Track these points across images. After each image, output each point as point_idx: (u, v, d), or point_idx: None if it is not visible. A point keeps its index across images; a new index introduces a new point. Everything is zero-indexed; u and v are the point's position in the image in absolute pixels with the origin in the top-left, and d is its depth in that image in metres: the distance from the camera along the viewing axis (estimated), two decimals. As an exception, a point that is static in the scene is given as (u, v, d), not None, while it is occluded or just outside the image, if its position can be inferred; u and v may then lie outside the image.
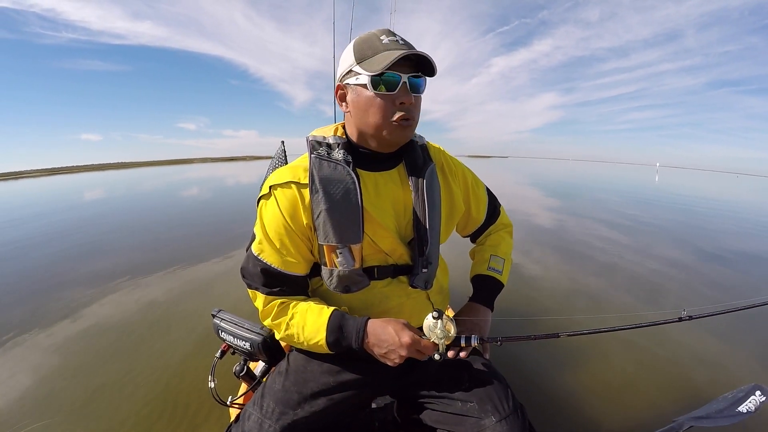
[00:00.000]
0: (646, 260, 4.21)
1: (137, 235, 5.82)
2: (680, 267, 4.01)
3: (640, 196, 12.64)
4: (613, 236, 5.52)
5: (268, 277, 0.82)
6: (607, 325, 0.76)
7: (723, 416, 0.71)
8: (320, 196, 0.78)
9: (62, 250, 4.94)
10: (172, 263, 4.04)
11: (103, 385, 1.94)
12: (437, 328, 0.74)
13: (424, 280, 0.89)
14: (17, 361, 2.23)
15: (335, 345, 0.79)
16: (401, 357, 0.74)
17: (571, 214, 7.80)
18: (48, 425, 1.67)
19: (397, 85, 0.74)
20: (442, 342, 0.74)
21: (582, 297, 3.16)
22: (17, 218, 8.29)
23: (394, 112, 0.76)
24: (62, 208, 9.97)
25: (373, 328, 0.77)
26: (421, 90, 0.79)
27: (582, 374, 2.00)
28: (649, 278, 3.62)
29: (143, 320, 2.71)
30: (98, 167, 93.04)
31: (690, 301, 3.15)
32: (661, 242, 5.20)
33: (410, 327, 0.76)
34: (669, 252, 4.62)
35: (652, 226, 6.57)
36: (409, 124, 0.79)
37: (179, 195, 12.52)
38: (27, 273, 4.02)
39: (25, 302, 3.14)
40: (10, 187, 22.14)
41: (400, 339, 0.73)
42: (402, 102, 0.75)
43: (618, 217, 7.44)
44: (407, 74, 0.75)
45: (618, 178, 24.30)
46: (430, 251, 0.86)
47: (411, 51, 0.72)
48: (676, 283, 3.52)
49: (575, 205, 9.55)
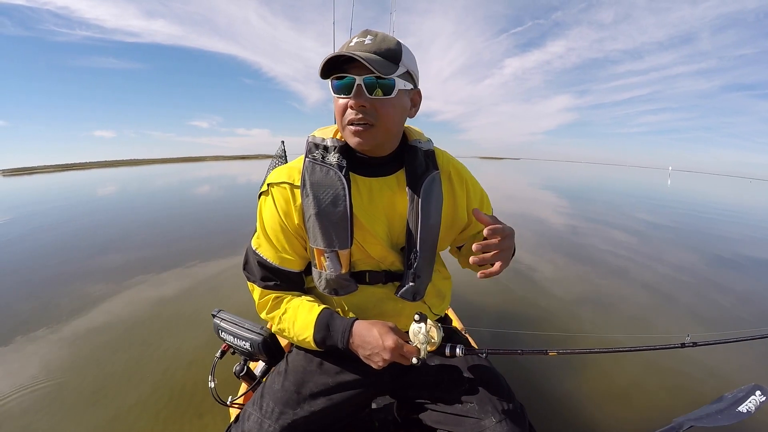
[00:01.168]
0: (656, 268, 4.10)
1: (149, 231, 5.91)
2: (689, 279, 3.83)
3: (653, 200, 12.34)
4: (623, 241, 5.41)
5: (264, 271, 0.85)
6: (605, 345, 0.74)
7: (723, 416, 0.71)
8: (310, 200, 0.79)
9: (74, 245, 5.06)
10: (184, 259, 4.10)
11: (113, 374, 2.02)
12: (420, 333, 0.73)
13: (411, 293, 0.87)
14: (28, 352, 2.28)
15: (322, 343, 0.80)
16: (384, 360, 0.74)
17: (577, 217, 7.73)
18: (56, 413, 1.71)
19: (350, 88, 0.72)
20: (424, 347, 0.73)
21: (586, 307, 3.02)
22: (29, 213, 8.48)
23: (347, 115, 0.75)
24: (74, 204, 10.19)
25: (359, 329, 0.77)
26: (386, 92, 0.73)
27: (582, 374, 2.00)
28: (658, 289, 3.46)
29: (154, 315, 2.77)
30: (111, 163, 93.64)
31: (699, 314, 2.95)
32: (670, 250, 5.07)
33: (396, 331, 0.76)
34: (678, 261, 4.49)
35: (665, 230, 6.49)
36: (366, 129, 0.74)
37: (191, 192, 12.65)
38: (39, 266, 4.11)
39: (36, 295, 3.22)
40: (24, 183, 22.65)
41: (383, 342, 0.73)
42: (350, 105, 0.73)
43: (629, 221, 7.33)
44: (363, 75, 0.71)
45: (629, 182, 23.95)
46: (419, 264, 0.84)
47: (344, 52, 0.70)
48: (685, 296, 3.33)
49: (584, 208, 9.38)
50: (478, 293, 2.86)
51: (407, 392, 0.92)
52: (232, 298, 3.03)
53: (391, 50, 0.73)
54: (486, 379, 0.85)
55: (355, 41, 0.73)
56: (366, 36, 0.73)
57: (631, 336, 2.43)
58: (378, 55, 0.71)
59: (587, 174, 33.60)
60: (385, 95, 0.73)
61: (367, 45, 0.72)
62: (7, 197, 13.10)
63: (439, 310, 0.97)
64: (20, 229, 6.25)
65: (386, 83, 0.72)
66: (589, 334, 2.50)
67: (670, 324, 2.70)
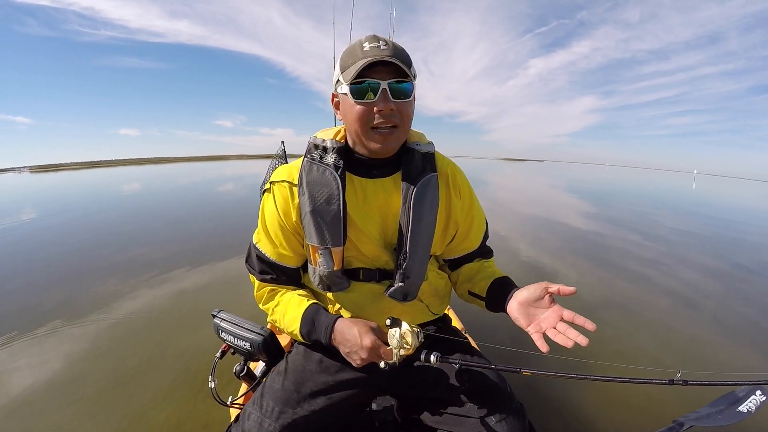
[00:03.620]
0: (672, 279, 3.89)
1: (172, 227, 6.14)
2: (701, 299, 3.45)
3: (672, 207, 11.59)
4: (639, 254, 4.96)
5: (262, 265, 0.90)
6: (590, 370, 0.70)
7: (723, 416, 0.70)
8: (306, 198, 0.82)
9: (98, 239, 5.34)
10: (205, 255, 4.23)
11: (132, 356, 2.21)
12: (394, 337, 0.72)
13: (402, 293, 0.86)
14: (50, 345, 2.38)
15: (308, 336, 0.83)
16: (362, 359, 0.75)
17: (596, 221, 7.58)
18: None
19: (376, 93, 0.73)
20: (396, 351, 0.72)
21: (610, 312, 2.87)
22: (56, 209, 8.87)
23: (372, 120, 0.75)
24: (100, 200, 10.70)
25: (340, 327, 0.79)
26: (406, 95, 0.76)
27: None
28: (661, 315, 3.06)
29: (174, 309, 2.89)
30: (136, 161, 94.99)
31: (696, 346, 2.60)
32: (683, 261, 4.69)
33: (377, 331, 0.76)
34: (691, 273, 4.20)
35: (684, 235, 6.32)
36: (391, 132, 0.77)
37: (215, 190, 12.98)
38: (63, 259, 4.37)
39: (61, 288, 3.42)
40: (53, 179, 23.78)
41: (361, 341, 0.74)
42: (380, 110, 0.74)
43: (649, 226, 7.13)
44: (388, 80, 0.73)
45: (652, 185, 23.25)
46: (409, 265, 0.84)
47: (377, 57, 0.71)
48: (687, 324, 2.93)
49: (603, 214, 8.96)
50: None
51: (407, 392, 0.92)
52: (249, 294, 3.14)
53: (405, 54, 0.76)
54: (486, 379, 0.85)
55: (369, 46, 0.74)
56: (378, 41, 0.75)
57: (617, 365, 2.10)
58: (397, 59, 0.73)
59: (610, 177, 32.84)
60: (406, 98, 0.76)
61: (384, 50, 0.73)
62: (45, 194, 13.75)
63: (437, 310, 0.97)
64: (50, 222, 6.69)
65: (408, 86, 0.75)
66: (566, 357, 2.25)
67: (659, 358, 2.36)
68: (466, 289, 0.94)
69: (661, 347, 2.47)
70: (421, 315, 0.95)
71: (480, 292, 0.89)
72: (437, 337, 0.87)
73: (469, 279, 0.94)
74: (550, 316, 0.72)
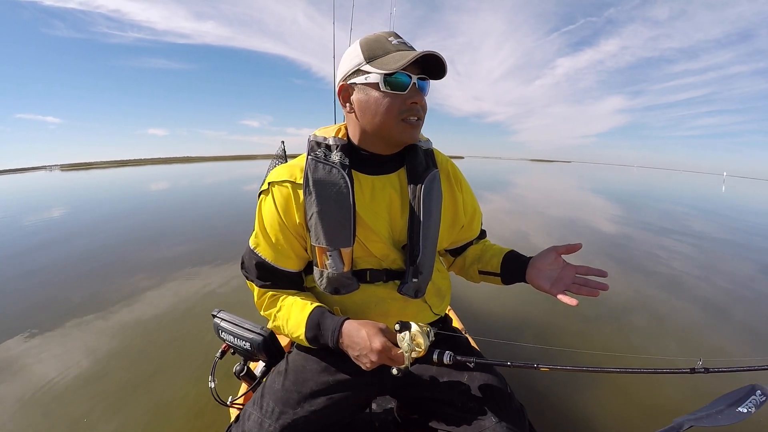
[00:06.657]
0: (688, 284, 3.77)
1: (199, 225, 6.30)
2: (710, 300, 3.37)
3: (700, 209, 11.08)
4: (666, 255, 4.86)
5: (261, 271, 0.86)
6: (608, 363, 0.68)
7: (723, 416, 0.70)
8: (313, 198, 0.79)
9: (127, 235, 5.59)
10: (231, 254, 4.29)
11: (153, 355, 2.26)
12: (404, 340, 0.71)
13: (413, 290, 0.87)
14: (75, 341, 2.45)
15: (315, 341, 0.80)
16: (372, 362, 0.72)
17: (622, 224, 7.34)
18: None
19: (407, 86, 0.75)
20: (407, 355, 0.70)
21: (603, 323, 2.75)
22: (86, 205, 9.32)
23: (403, 111, 0.77)
24: (129, 197, 11.12)
25: (348, 329, 0.76)
26: (426, 92, 0.79)
27: (583, 374, 1.99)
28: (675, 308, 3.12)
29: (197, 305, 2.96)
30: (164, 160, 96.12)
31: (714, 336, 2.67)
32: (707, 264, 4.57)
33: (386, 332, 0.74)
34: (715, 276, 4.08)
35: (711, 241, 6.09)
36: (419, 124, 0.80)
37: (241, 189, 13.22)
38: (91, 255, 4.54)
39: (89, 282, 3.59)
40: (84, 177, 25.15)
41: (371, 344, 0.71)
42: (414, 102, 0.76)
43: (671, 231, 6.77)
44: (416, 76, 0.75)
45: (679, 188, 22.64)
46: (421, 260, 0.84)
47: (427, 52, 0.72)
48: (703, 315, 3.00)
49: (630, 216, 8.61)
50: (481, 299, 2.65)
51: (407, 392, 0.92)
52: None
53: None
54: (486, 379, 0.85)
55: (397, 41, 0.77)
56: (400, 38, 0.78)
57: (636, 356, 2.23)
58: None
59: (639, 179, 32.19)
60: (425, 95, 0.80)
61: (411, 47, 0.77)
62: (75, 193, 14.21)
63: (439, 310, 0.97)
64: (82, 220, 7.07)
65: (427, 82, 0.79)
66: (581, 351, 2.28)
67: (680, 346, 2.46)
68: (477, 269, 0.99)
69: (684, 349, 2.43)
70: (424, 315, 0.95)
71: (493, 269, 0.95)
72: (443, 336, 0.86)
73: (478, 259, 1.00)
74: (566, 275, 0.81)
